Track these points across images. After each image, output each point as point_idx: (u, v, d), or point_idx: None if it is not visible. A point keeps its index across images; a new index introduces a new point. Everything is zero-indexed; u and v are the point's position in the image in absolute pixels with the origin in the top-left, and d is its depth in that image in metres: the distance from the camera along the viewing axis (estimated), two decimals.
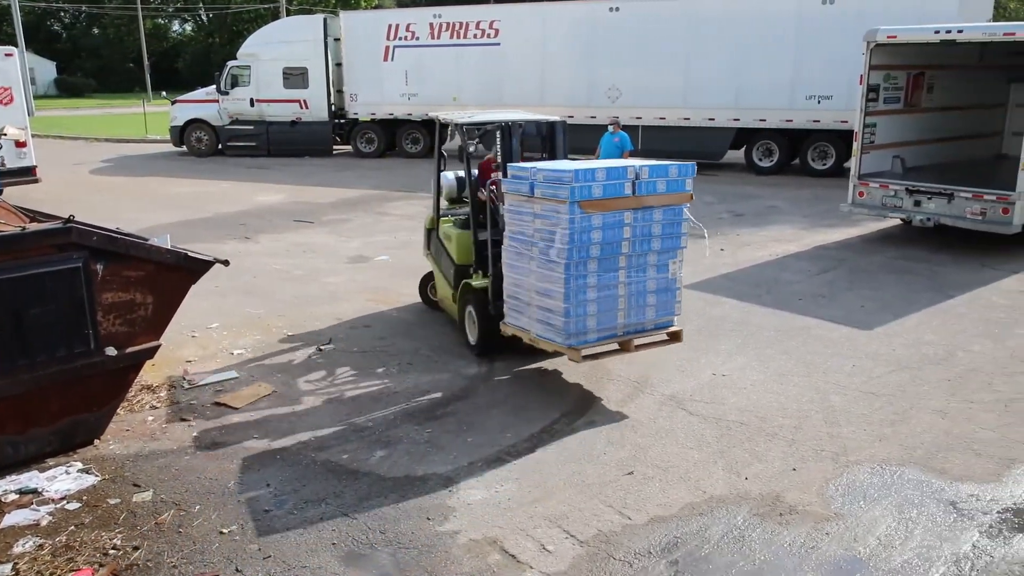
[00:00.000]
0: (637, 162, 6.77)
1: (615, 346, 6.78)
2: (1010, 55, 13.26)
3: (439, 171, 8.83)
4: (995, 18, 21.17)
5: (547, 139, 8.11)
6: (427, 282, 9.37)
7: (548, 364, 7.54)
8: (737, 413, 6.54)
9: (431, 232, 9.01)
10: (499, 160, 7.71)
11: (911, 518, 5.05)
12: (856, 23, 15.34)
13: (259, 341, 8.30)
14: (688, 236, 6.89)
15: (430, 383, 7.21)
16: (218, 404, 6.79)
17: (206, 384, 7.20)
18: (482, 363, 7.65)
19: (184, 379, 7.30)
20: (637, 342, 6.82)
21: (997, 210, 11.05)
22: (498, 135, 7.69)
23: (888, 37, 11.81)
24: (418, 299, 9.52)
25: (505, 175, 7.12)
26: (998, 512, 5.11)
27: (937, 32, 11.55)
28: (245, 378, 7.35)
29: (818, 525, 4.98)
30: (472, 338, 7.93)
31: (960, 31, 11.54)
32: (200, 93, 25.28)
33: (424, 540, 4.87)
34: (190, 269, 6.01)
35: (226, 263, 6.27)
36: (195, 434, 6.27)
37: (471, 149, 8.08)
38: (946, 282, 10.18)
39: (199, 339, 8.35)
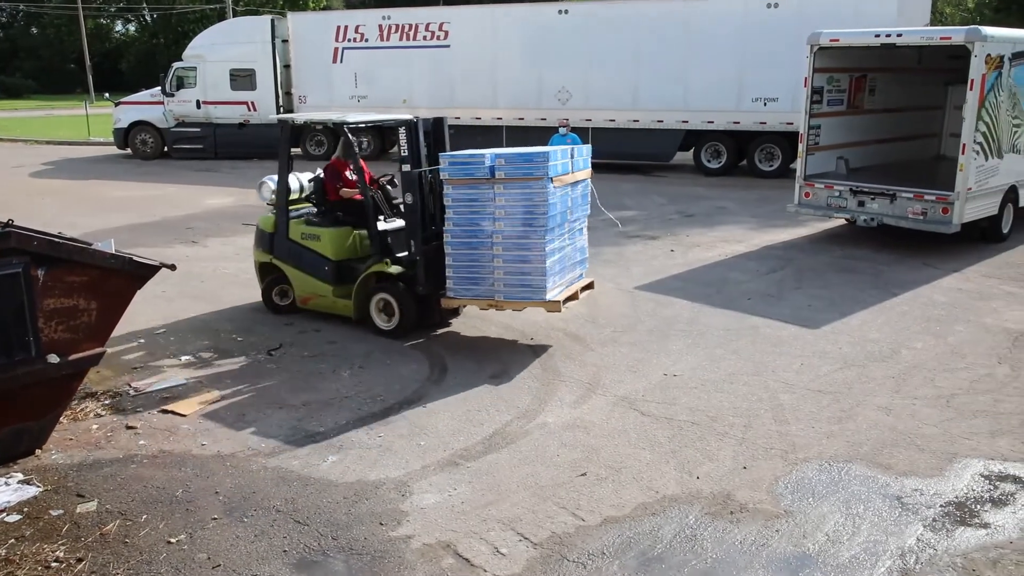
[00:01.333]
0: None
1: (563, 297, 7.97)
2: (947, 58, 13.62)
3: (287, 173, 8.88)
4: (932, 23, 21.72)
5: (432, 135, 8.51)
6: (273, 287, 9.14)
7: (495, 362, 7.56)
8: (688, 413, 6.61)
9: (273, 236, 8.95)
10: (403, 157, 8.20)
11: (858, 514, 5.15)
12: (799, 26, 15.62)
13: (207, 346, 8.16)
14: (640, 237, 7.01)
15: (382, 387, 7.16)
16: (165, 411, 6.66)
17: (153, 391, 7.06)
18: (434, 366, 7.62)
19: (130, 386, 7.15)
20: (579, 290, 8.28)
21: (937, 210, 11.34)
22: (402, 132, 8.10)
23: (831, 40, 12.05)
24: None
25: (416, 167, 8.06)
26: (941, 506, 5.24)
27: (877, 36, 11.84)
28: (193, 384, 7.22)
29: (768, 523, 5.05)
30: (389, 323, 8.35)
31: (899, 35, 11.86)
32: (145, 95, 24.78)
33: (377, 546, 4.83)
34: (135, 274, 5.89)
35: (173, 267, 6.16)
36: (141, 442, 6.14)
37: (358, 149, 8.79)
38: (890, 280, 10.42)
39: (145, 345, 8.18)
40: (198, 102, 23.42)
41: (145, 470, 5.72)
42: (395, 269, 8.19)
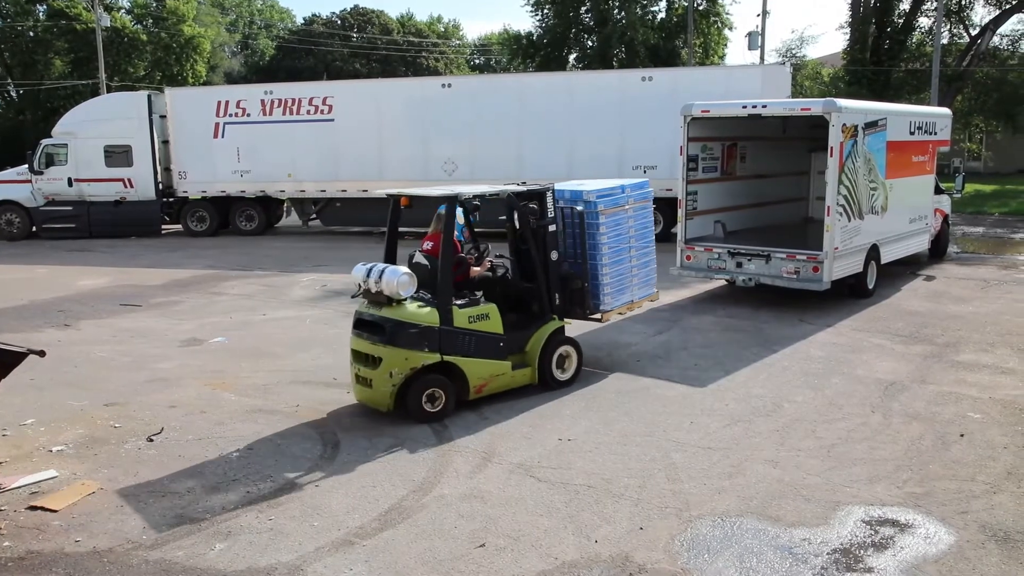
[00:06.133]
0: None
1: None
2: (809, 128, 14.52)
3: (451, 257, 7.98)
4: (793, 95, 23.21)
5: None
6: (422, 392, 7.81)
7: (388, 436, 7.43)
8: (584, 476, 6.64)
9: (440, 330, 7.82)
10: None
11: (751, 567, 5.24)
12: (674, 99, 16.38)
13: (82, 436, 7.72)
14: None
15: (272, 467, 6.91)
16: (34, 508, 6.22)
17: (19, 487, 6.58)
18: (327, 443, 7.43)
19: None
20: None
21: (808, 269, 11.95)
22: (549, 195, 8.81)
23: (702, 112, 12.68)
24: (259, 379, 9.19)
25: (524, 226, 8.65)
26: (828, 554, 5.40)
27: (745, 107, 12.56)
28: (66, 477, 6.79)
29: None
30: (566, 374, 8.91)
31: (764, 106, 12.63)
32: (10, 173, 23.72)
33: None
34: None
35: (42, 353, 5.85)
36: (6, 544, 5.70)
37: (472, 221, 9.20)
38: (770, 337, 10.84)
39: (11, 438, 7.66)
40: (70, 180, 22.57)
41: (9, 575, 5.31)
42: (568, 321, 9.08)
